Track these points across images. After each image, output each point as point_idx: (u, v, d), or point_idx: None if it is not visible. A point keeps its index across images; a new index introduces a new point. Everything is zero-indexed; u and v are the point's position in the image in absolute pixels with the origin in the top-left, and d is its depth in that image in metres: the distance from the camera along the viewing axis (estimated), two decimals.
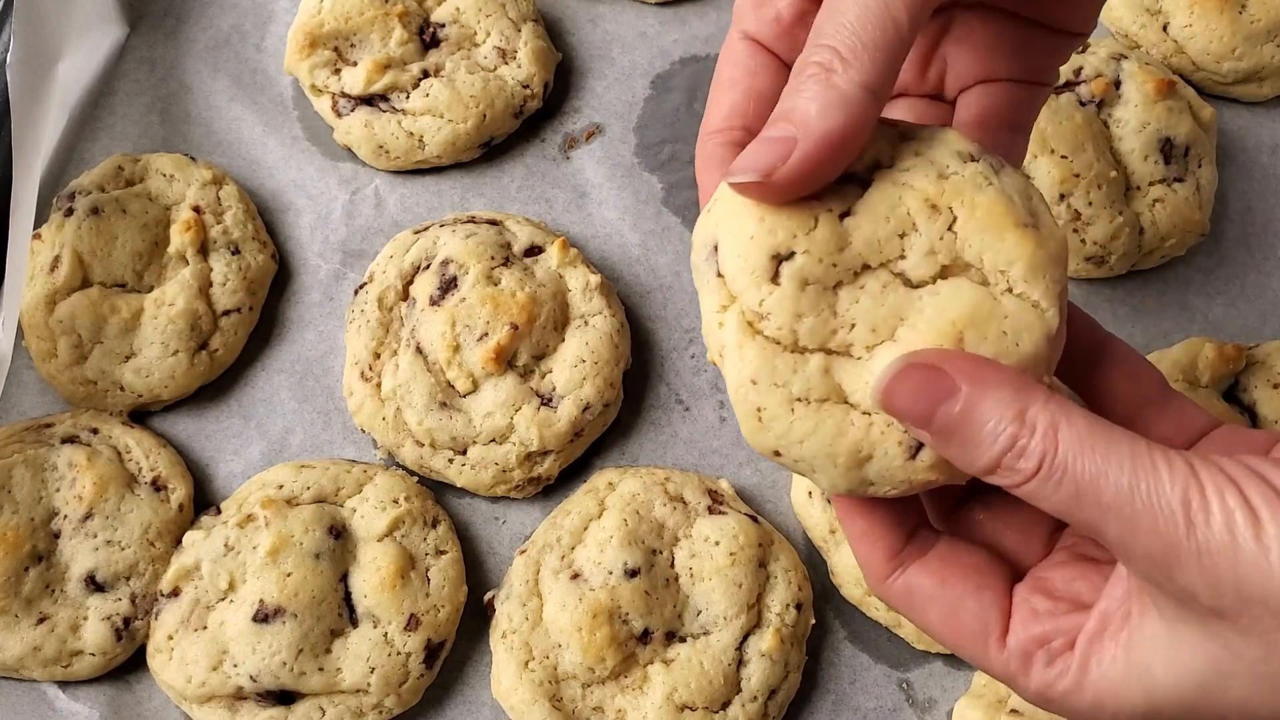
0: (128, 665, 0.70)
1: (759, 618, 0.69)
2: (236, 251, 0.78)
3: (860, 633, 0.73)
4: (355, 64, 0.83)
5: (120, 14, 0.87)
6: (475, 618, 0.72)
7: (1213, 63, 0.87)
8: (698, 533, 0.70)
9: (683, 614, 0.68)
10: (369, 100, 0.82)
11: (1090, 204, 0.79)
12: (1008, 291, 0.41)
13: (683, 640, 0.68)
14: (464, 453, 0.73)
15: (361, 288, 0.77)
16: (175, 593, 0.68)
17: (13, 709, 0.69)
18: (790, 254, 0.41)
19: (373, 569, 0.69)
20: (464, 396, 0.73)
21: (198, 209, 0.78)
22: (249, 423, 0.77)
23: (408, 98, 0.82)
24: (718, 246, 0.42)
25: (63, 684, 0.69)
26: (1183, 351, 0.76)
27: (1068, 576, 0.43)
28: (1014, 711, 0.66)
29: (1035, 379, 0.40)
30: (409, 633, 0.68)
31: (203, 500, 0.74)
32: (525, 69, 0.84)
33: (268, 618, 0.66)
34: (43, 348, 0.74)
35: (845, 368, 0.41)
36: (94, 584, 0.69)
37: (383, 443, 0.74)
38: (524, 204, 0.84)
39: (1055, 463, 0.36)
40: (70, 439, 0.72)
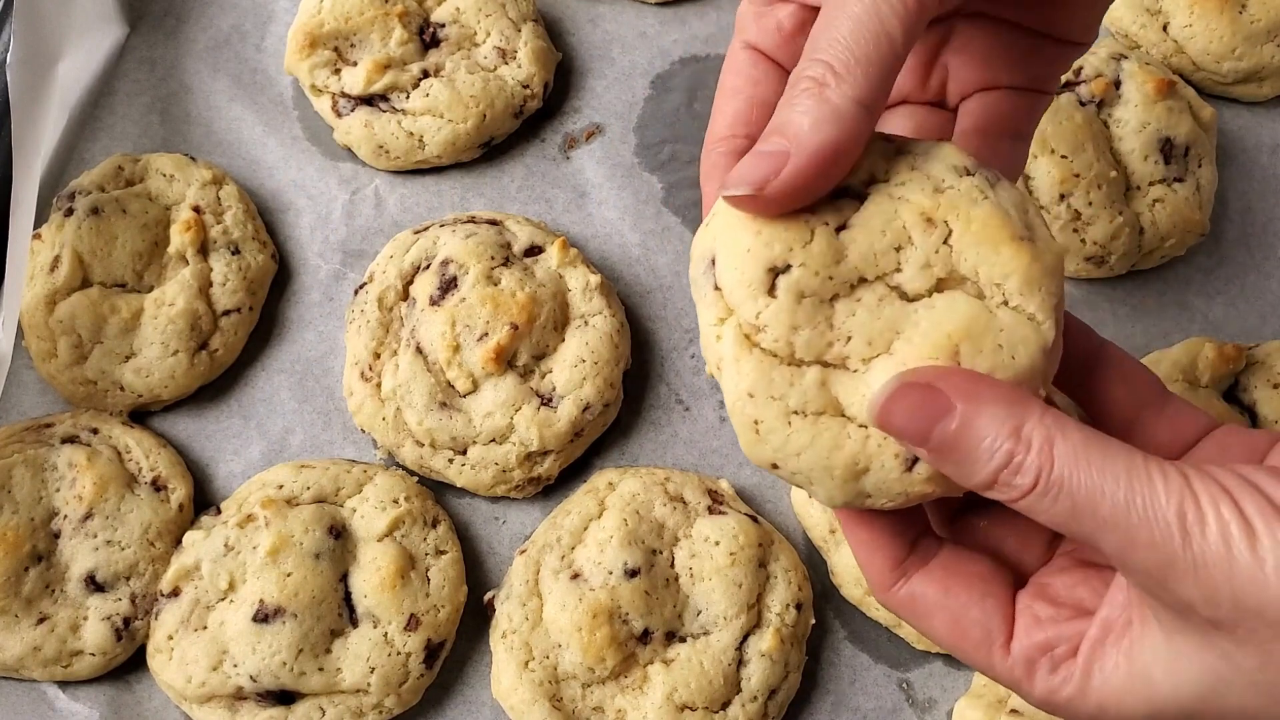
0: (128, 665, 0.70)
1: (759, 618, 0.69)
2: (236, 251, 0.78)
3: (860, 633, 0.73)
4: (355, 64, 0.83)
5: (120, 14, 0.87)
6: (475, 618, 0.72)
7: (1213, 63, 0.87)
8: (698, 533, 0.70)
9: (683, 614, 0.68)
10: (369, 100, 0.82)
11: (1090, 204, 0.79)
12: (1003, 304, 0.41)
13: (683, 640, 0.68)
14: (464, 453, 0.73)
15: (361, 288, 0.77)
16: (175, 593, 0.68)
17: (13, 709, 0.69)
18: (786, 267, 0.41)
19: (373, 569, 0.69)
20: (464, 396, 0.73)
21: (198, 209, 0.78)
22: (249, 423, 0.77)
23: (408, 98, 0.82)
24: (715, 260, 0.42)
25: (63, 684, 0.69)
26: (1183, 351, 0.76)
27: (1070, 582, 0.43)
28: (1014, 711, 0.66)
29: (1031, 392, 0.40)
30: (409, 633, 0.68)
31: (203, 500, 0.74)
32: (525, 69, 0.84)
33: (268, 618, 0.66)
34: (43, 348, 0.74)
35: (842, 381, 0.41)
36: (94, 584, 0.69)
37: (383, 443, 0.74)
38: (524, 204, 0.84)
39: (1051, 478, 0.36)
40: (70, 439, 0.72)
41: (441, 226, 0.79)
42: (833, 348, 0.41)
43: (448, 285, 0.75)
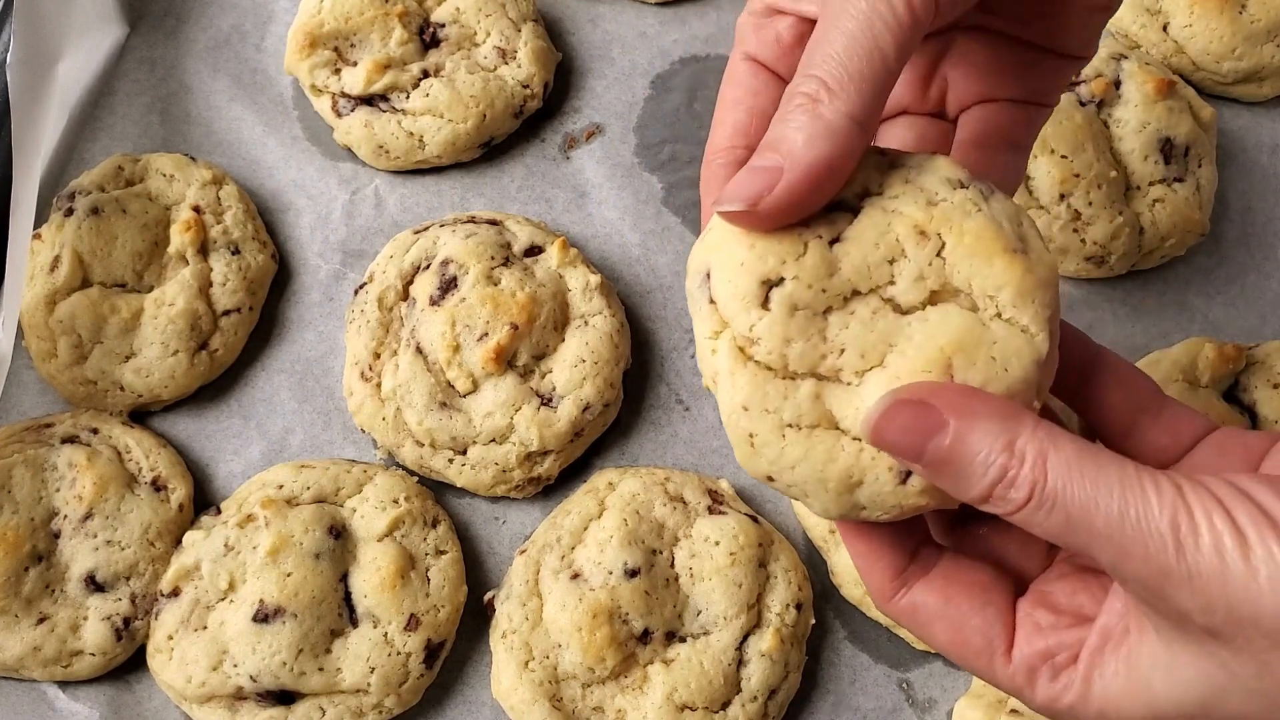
0: (128, 665, 0.70)
1: (759, 618, 0.69)
2: (236, 251, 0.78)
3: (860, 633, 0.73)
4: (355, 64, 0.83)
5: (120, 14, 0.87)
6: (475, 618, 0.72)
7: (1213, 63, 0.87)
8: (698, 533, 0.70)
9: (683, 614, 0.68)
10: (369, 100, 0.82)
11: (1090, 204, 0.79)
12: (997, 317, 0.41)
13: (683, 640, 0.68)
14: (464, 453, 0.73)
15: (361, 288, 0.77)
16: (175, 593, 0.68)
17: (13, 709, 0.69)
18: (780, 280, 0.41)
19: (373, 569, 0.69)
20: (464, 396, 0.73)
21: (198, 209, 0.78)
22: (249, 423, 0.77)
23: (408, 98, 0.82)
24: (710, 273, 0.42)
25: (63, 684, 0.69)
26: (1183, 351, 0.76)
27: (1069, 589, 0.44)
28: (1014, 712, 0.66)
29: (1025, 405, 0.40)
30: (409, 633, 0.68)
31: (203, 500, 0.74)
32: (525, 69, 0.84)
33: (268, 618, 0.66)
34: (43, 348, 0.74)
35: (836, 394, 0.41)
36: (94, 584, 0.69)
37: (383, 443, 0.74)
38: (524, 204, 0.84)
39: (1046, 492, 0.37)
40: (70, 439, 0.72)
41: (441, 226, 0.79)
42: (826, 360, 0.41)
43: (448, 285, 0.75)
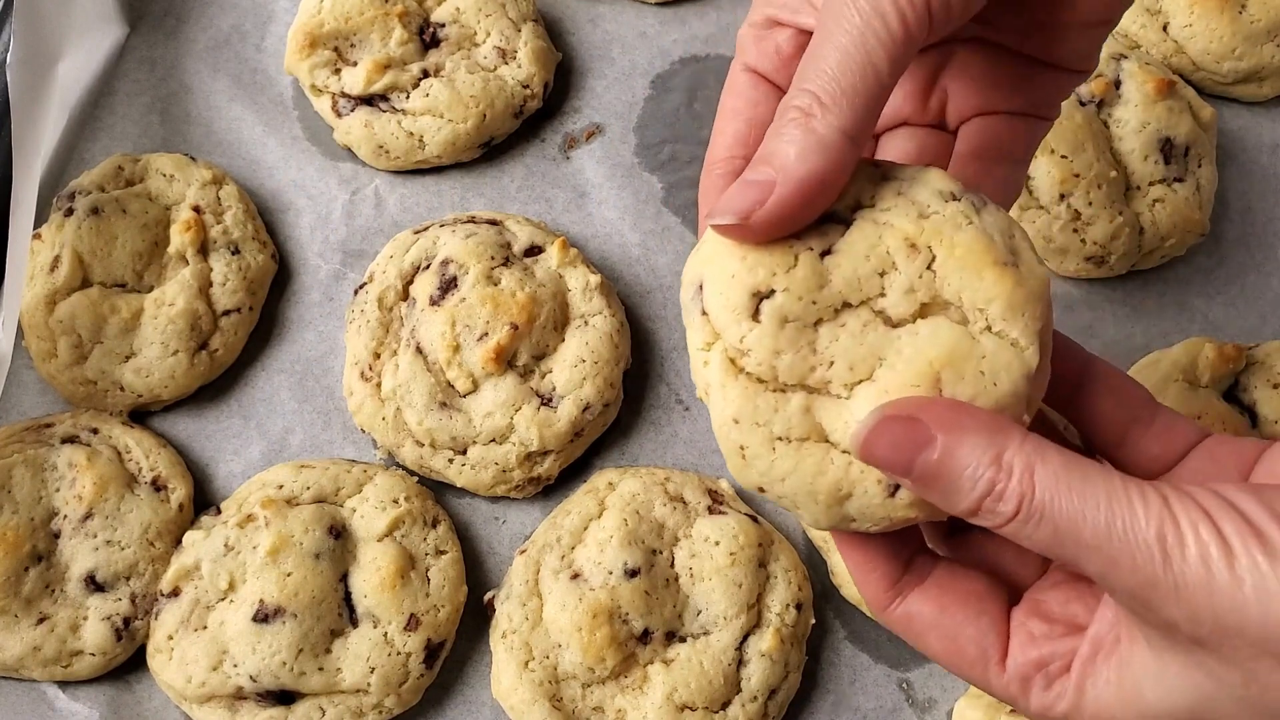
0: (128, 665, 0.70)
1: (759, 618, 0.69)
2: (236, 251, 0.78)
3: (860, 632, 0.73)
4: (355, 64, 0.83)
5: (120, 14, 0.87)
6: (475, 618, 0.72)
7: (1213, 63, 0.87)
8: (698, 533, 0.70)
9: (683, 614, 0.68)
10: (369, 100, 0.82)
11: (1090, 204, 0.79)
12: (987, 330, 0.41)
13: (683, 640, 0.68)
14: (464, 453, 0.73)
15: (361, 288, 0.77)
16: (175, 593, 0.68)
17: (13, 709, 0.69)
18: (770, 292, 0.41)
19: (373, 569, 0.69)
20: (464, 396, 0.73)
21: (198, 209, 0.78)
22: (249, 423, 0.77)
23: (408, 98, 0.82)
24: (703, 285, 0.43)
25: (63, 684, 0.69)
26: (1183, 351, 0.76)
27: (1063, 598, 0.44)
28: (1014, 712, 0.66)
29: (1014, 419, 0.40)
30: (409, 633, 0.68)
31: (203, 500, 0.74)
32: (525, 69, 0.84)
33: (268, 618, 0.66)
34: (43, 348, 0.74)
35: (826, 407, 0.41)
36: (94, 584, 0.69)
37: (383, 443, 0.74)
38: (524, 204, 0.84)
39: (1034, 505, 0.37)
40: (70, 439, 0.72)
41: (441, 226, 0.79)
42: (815, 372, 0.41)
43: (448, 285, 0.75)
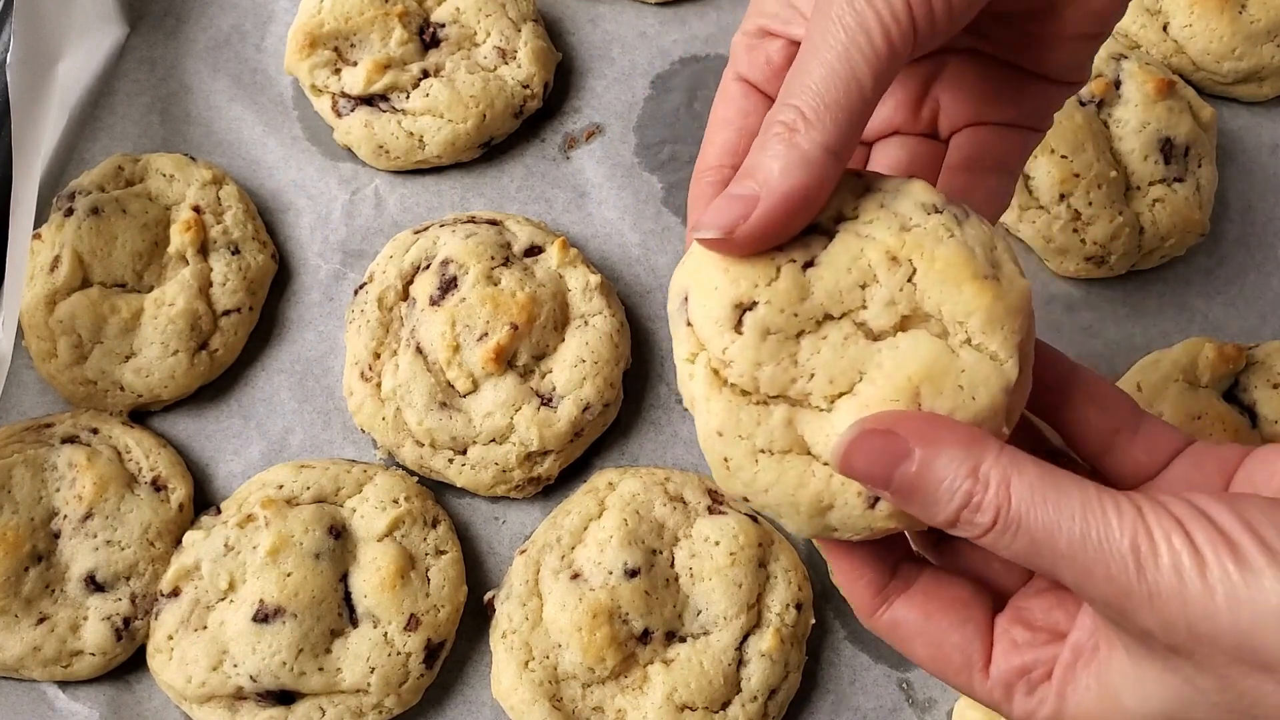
0: (128, 665, 0.70)
1: (759, 618, 0.69)
2: (236, 251, 0.78)
3: (860, 632, 0.73)
4: (355, 64, 0.83)
5: (120, 14, 0.87)
6: (475, 618, 0.72)
7: (1213, 63, 0.87)
8: (698, 532, 0.70)
9: (683, 614, 0.68)
10: (369, 100, 0.82)
11: (1090, 204, 0.79)
12: (966, 343, 0.42)
13: (683, 640, 0.68)
14: (464, 453, 0.73)
15: (361, 288, 0.77)
16: (175, 593, 0.68)
17: (13, 709, 0.69)
18: (753, 304, 0.42)
19: (373, 569, 0.69)
20: (464, 396, 0.73)
21: (198, 209, 0.78)
22: (249, 423, 0.77)
23: (408, 98, 0.82)
24: (688, 297, 0.43)
25: (63, 684, 0.69)
26: (1183, 352, 0.76)
27: (1046, 605, 0.45)
28: None
29: (992, 431, 0.41)
30: (409, 633, 0.68)
31: (203, 500, 0.74)
32: (525, 69, 0.84)
33: (268, 618, 0.66)
34: (43, 348, 0.74)
35: (808, 420, 0.42)
36: (94, 584, 0.69)
37: (383, 443, 0.74)
38: (524, 204, 0.84)
39: (1010, 516, 0.37)
40: (70, 439, 0.72)
41: (441, 226, 0.79)
42: (796, 384, 0.42)
43: (448, 285, 0.75)
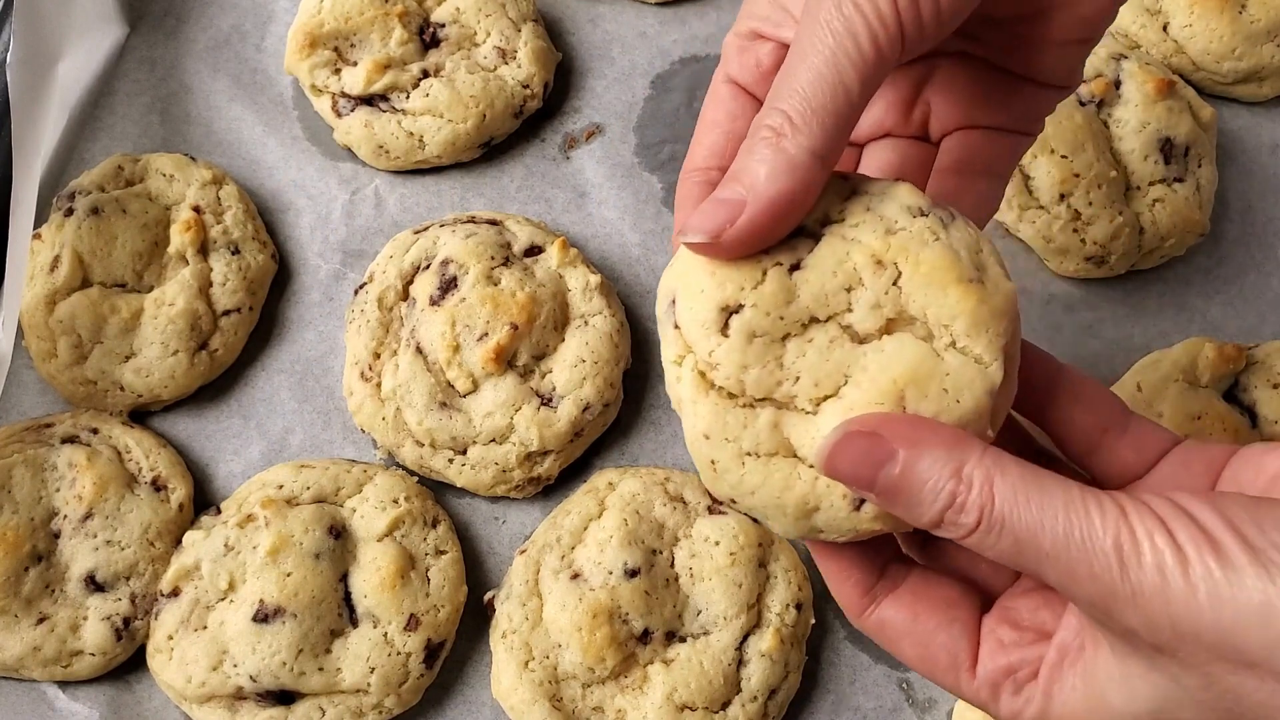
0: (127, 665, 0.70)
1: (759, 618, 0.69)
2: (236, 251, 0.78)
3: (860, 633, 0.72)
4: (355, 64, 0.83)
5: (120, 14, 0.87)
6: (475, 618, 0.72)
7: (1213, 63, 0.87)
8: (698, 532, 0.70)
9: (683, 614, 0.68)
10: (369, 100, 0.82)
11: (1090, 204, 0.79)
12: (951, 346, 0.42)
13: (683, 640, 0.68)
14: (464, 453, 0.73)
15: (361, 288, 0.77)
16: (175, 593, 0.68)
17: (12, 709, 0.69)
18: (739, 307, 0.42)
19: (373, 569, 0.69)
20: (464, 396, 0.73)
21: (198, 209, 0.78)
22: (249, 423, 0.77)
23: (408, 98, 0.82)
24: (675, 300, 0.44)
25: (62, 684, 0.69)
26: (1183, 351, 0.76)
27: (1032, 605, 0.45)
28: None
29: (977, 433, 0.41)
30: (409, 633, 0.68)
31: (202, 500, 0.74)
32: (525, 69, 0.84)
33: (268, 618, 0.66)
34: (43, 348, 0.74)
35: (794, 423, 0.42)
36: (94, 584, 0.69)
37: (383, 443, 0.74)
38: (524, 204, 0.84)
39: (994, 516, 0.38)
40: (70, 439, 0.72)
41: (441, 226, 0.79)
42: (782, 386, 0.42)
43: (448, 285, 0.75)
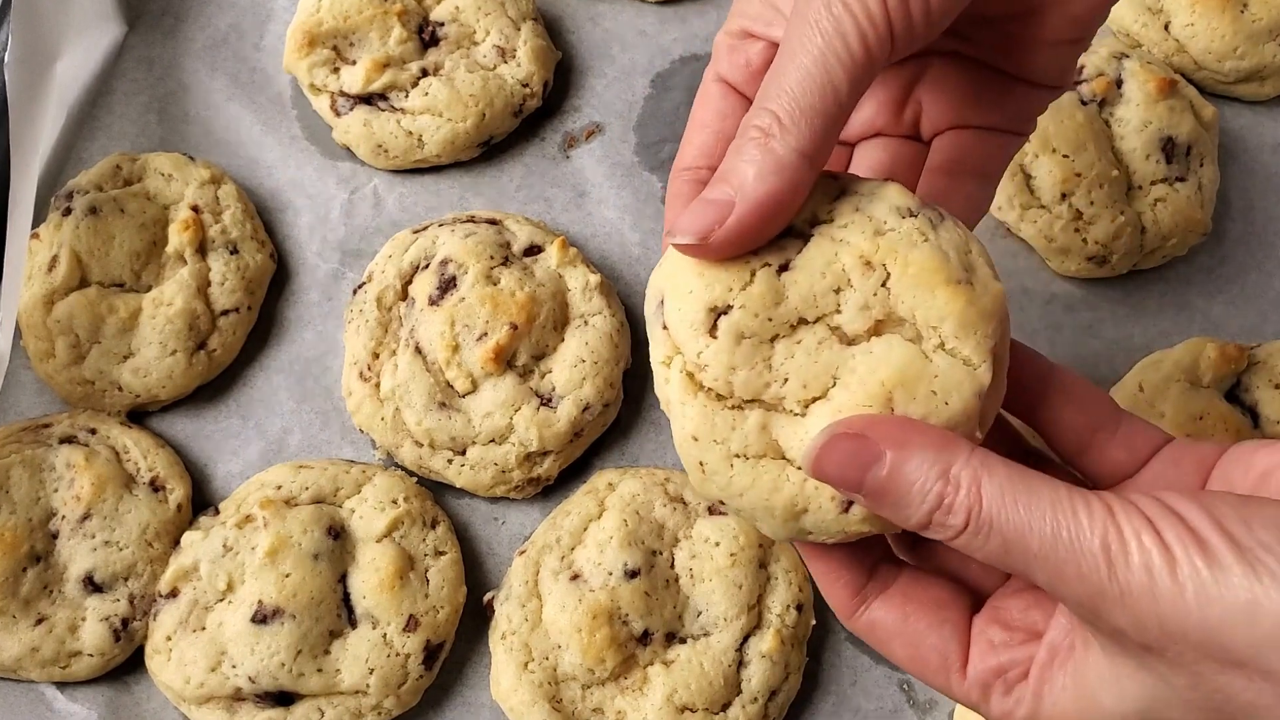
0: (126, 666, 0.69)
1: (759, 619, 0.68)
2: (235, 251, 0.78)
3: None
4: (354, 63, 0.82)
5: (118, 13, 0.86)
6: (475, 618, 0.72)
7: (1214, 62, 0.87)
8: (698, 533, 0.70)
9: (683, 615, 0.68)
10: (368, 99, 0.82)
11: (1092, 203, 0.79)
12: (939, 348, 0.42)
13: (683, 641, 0.68)
14: (463, 453, 0.73)
15: (360, 287, 0.77)
16: (173, 593, 0.68)
17: (11, 710, 0.69)
18: (727, 308, 0.42)
19: (372, 570, 0.68)
20: (463, 396, 0.73)
21: (196, 208, 0.78)
22: (247, 423, 0.77)
23: (407, 97, 0.82)
24: (664, 300, 0.43)
25: (61, 685, 0.69)
26: (1184, 351, 0.76)
27: (1023, 605, 0.45)
28: None
29: (965, 435, 0.41)
30: (408, 634, 0.68)
31: (201, 501, 0.74)
32: (525, 68, 0.84)
33: (266, 619, 0.66)
34: (40, 347, 0.74)
35: (782, 425, 0.42)
36: (92, 585, 0.68)
37: (381, 443, 0.74)
38: (523, 203, 0.84)
39: (981, 518, 0.37)
40: (68, 439, 0.72)
41: (440, 226, 0.78)
42: (770, 388, 0.42)
43: (447, 285, 0.74)
